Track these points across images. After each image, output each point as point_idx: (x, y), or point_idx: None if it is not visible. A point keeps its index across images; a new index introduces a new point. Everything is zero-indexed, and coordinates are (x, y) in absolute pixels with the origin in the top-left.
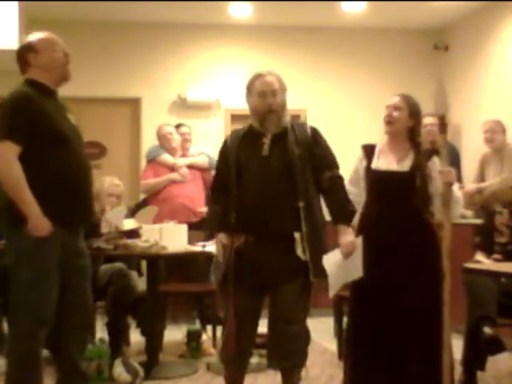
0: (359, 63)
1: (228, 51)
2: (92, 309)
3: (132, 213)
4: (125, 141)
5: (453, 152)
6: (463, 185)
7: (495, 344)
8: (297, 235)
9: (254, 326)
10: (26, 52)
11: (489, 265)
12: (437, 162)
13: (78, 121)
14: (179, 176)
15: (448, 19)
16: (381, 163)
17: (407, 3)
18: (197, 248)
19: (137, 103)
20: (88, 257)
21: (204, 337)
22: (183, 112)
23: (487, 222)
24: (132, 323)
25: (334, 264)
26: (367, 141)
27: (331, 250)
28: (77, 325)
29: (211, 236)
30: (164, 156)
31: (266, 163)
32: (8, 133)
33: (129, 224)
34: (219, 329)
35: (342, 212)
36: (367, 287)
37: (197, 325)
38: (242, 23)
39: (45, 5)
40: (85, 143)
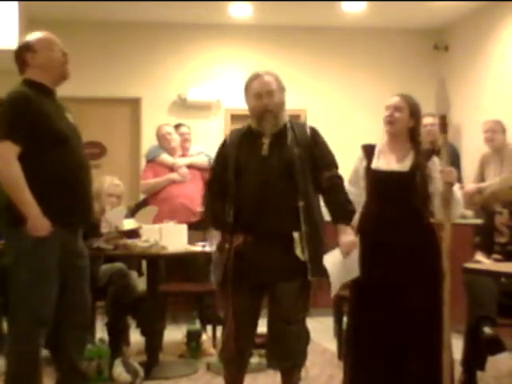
0: (359, 63)
1: (228, 51)
2: (92, 309)
3: (132, 213)
4: (125, 141)
5: (453, 152)
6: (463, 185)
7: (495, 344)
8: (296, 235)
9: (254, 326)
10: (24, 52)
11: (489, 265)
12: (437, 162)
13: (78, 121)
14: (179, 176)
15: (448, 19)
16: (381, 163)
17: (407, 3)
18: (197, 248)
19: (137, 103)
20: (87, 257)
21: (204, 337)
22: (183, 112)
23: (487, 222)
24: (132, 323)
25: (335, 263)
26: (367, 141)
27: (331, 250)
28: (76, 325)
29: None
30: (163, 156)
31: (266, 163)
32: (7, 133)
33: (129, 224)
34: (219, 329)
35: (342, 212)
36: (367, 287)
37: (197, 325)
38: (242, 23)
39: (45, 5)
40: (84, 143)
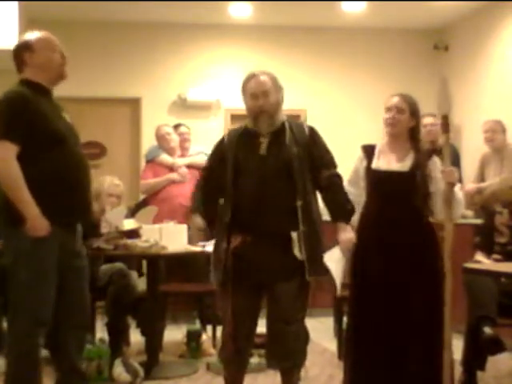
0: (359, 63)
1: (228, 51)
2: (92, 309)
3: (132, 213)
4: (125, 141)
5: (453, 152)
6: (463, 185)
7: (495, 344)
8: (294, 235)
9: (253, 326)
10: (23, 51)
11: (489, 265)
12: (437, 162)
13: (78, 121)
14: (178, 176)
15: (448, 19)
16: (381, 163)
17: (407, 3)
18: (197, 248)
19: (137, 103)
20: (85, 257)
21: (204, 337)
22: (183, 112)
23: (487, 222)
24: (132, 323)
25: (335, 261)
26: (367, 141)
27: (330, 249)
28: (75, 325)
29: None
30: (163, 156)
31: (264, 162)
32: (5, 133)
33: (129, 224)
34: (219, 329)
35: (341, 210)
36: (367, 287)
37: (197, 325)
38: (242, 23)
39: (45, 5)
40: (84, 143)
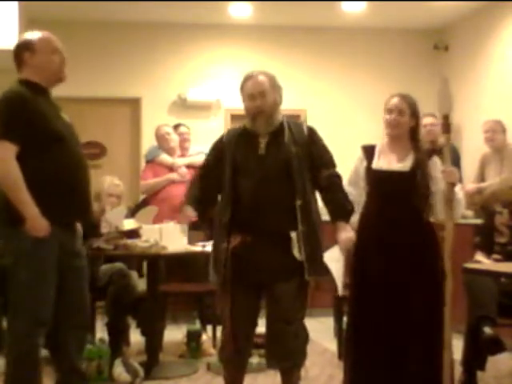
0: (359, 63)
1: (228, 51)
2: (92, 309)
3: (132, 213)
4: (125, 141)
5: (453, 152)
6: (463, 185)
7: (495, 344)
8: (293, 234)
9: (252, 326)
10: (23, 50)
11: (489, 265)
12: (437, 162)
13: (78, 121)
14: (178, 176)
15: (448, 19)
16: (382, 163)
17: (407, 3)
18: (197, 248)
19: (137, 103)
20: (85, 257)
21: (204, 337)
22: (183, 112)
23: (487, 222)
24: (132, 323)
25: (335, 260)
26: (367, 141)
27: (329, 248)
28: (75, 325)
29: (210, 236)
30: (163, 156)
31: (263, 162)
32: (4, 133)
33: (129, 224)
34: (219, 329)
35: (341, 210)
36: (367, 287)
37: (197, 325)
38: (242, 23)
39: (45, 5)
40: (84, 143)
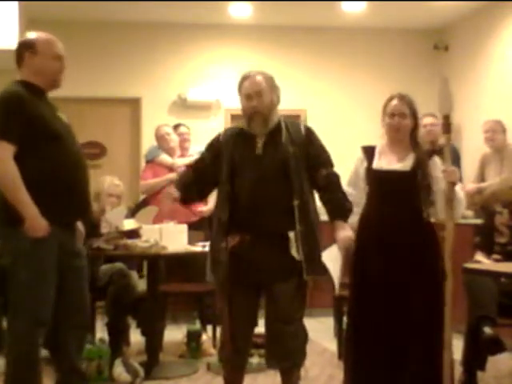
0: (359, 63)
1: (228, 51)
2: (92, 309)
3: (132, 213)
4: (125, 141)
5: (453, 152)
6: (463, 185)
7: (495, 344)
8: (291, 234)
9: (251, 326)
10: (24, 49)
11: (489, 265)
12: (438, 162)
13: (78, 121)
14: (178, 176)
15: (448, 19)
16: (382, 163)
17: (407, 3)
18: (197, 248)
19: (137, 103)
20: (84, 257)
21: (204, 337)
22: (183, 112)
23: (487, 222)
24: (132, 323)
25: (333, 260)
26: (367, 141)
27: (328, 247)
28: (75, 325)
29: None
30: (162, 156)
31: (260, 162)
32: (2, 133)
33: (129, 224)
34: (219, 329)
35: (339, 209)
36: (367, 287)
37: (197, 325)
38: (242, 23)
39: (45, 5)
40: (84, 143)
